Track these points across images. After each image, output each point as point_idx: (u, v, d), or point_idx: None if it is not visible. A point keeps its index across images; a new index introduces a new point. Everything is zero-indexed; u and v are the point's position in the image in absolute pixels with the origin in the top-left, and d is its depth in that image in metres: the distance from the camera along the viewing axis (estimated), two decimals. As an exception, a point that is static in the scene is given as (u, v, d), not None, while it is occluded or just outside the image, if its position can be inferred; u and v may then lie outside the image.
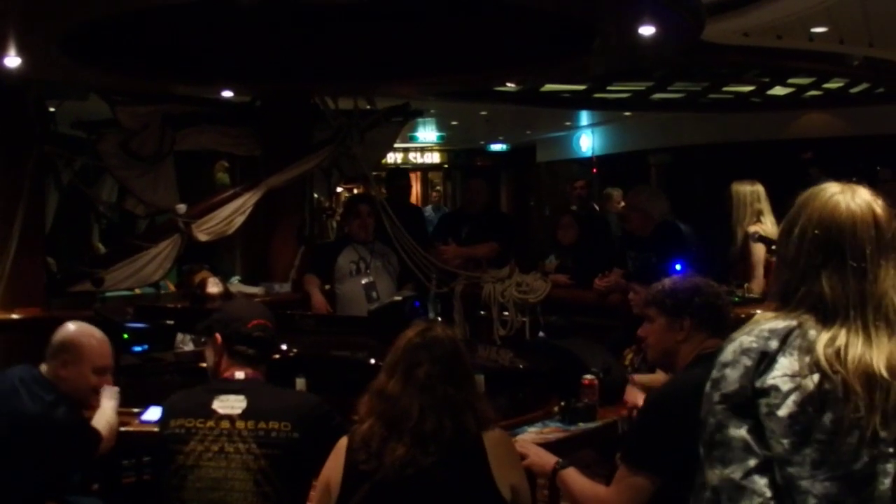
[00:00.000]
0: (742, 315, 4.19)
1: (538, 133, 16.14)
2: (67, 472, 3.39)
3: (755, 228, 5.50)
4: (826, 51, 7.14)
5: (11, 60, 4.77)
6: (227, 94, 7.03)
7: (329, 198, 9.62)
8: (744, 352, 1.68)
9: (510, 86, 8.46)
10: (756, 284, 5.44)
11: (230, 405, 2.82)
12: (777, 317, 1.71)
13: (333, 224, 11.01)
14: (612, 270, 5.79)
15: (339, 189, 12.16)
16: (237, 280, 6.88)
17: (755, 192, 5.64)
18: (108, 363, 3.40)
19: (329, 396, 3.01)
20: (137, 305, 5.56)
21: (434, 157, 18.86)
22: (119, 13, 4.68)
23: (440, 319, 5.94)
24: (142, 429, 3.47)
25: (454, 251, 6.76)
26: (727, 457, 1.65)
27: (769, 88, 9.27)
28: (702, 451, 1.70)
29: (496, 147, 18.33)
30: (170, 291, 7.12)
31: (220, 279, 5.86)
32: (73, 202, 6.81)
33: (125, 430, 3.47)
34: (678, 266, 4.91)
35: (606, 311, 5.74)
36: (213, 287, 5.49)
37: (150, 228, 6.91)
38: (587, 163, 15.08)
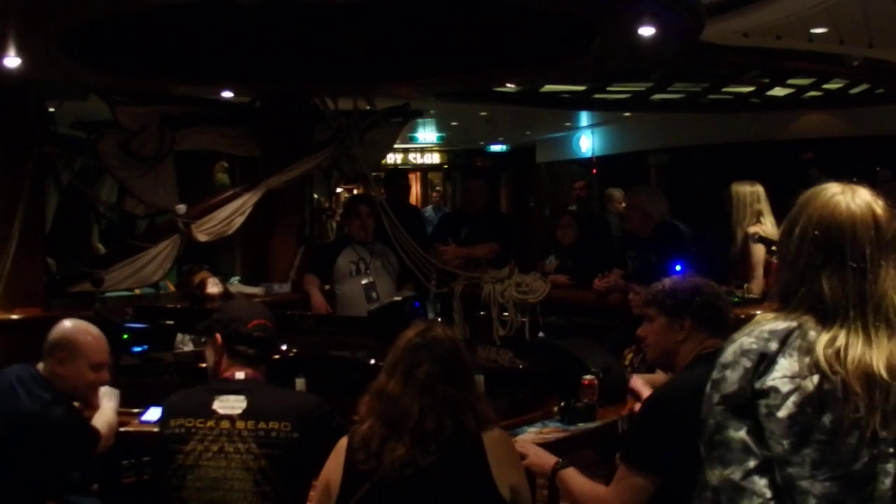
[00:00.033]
0: (742, 315, 4.19)
1: (538, 134, 16.13)
2: (67, 472, 3.39)
3: (755, 229, 5.51)
4: (826, 51, 7.13)
5: (11, 60, 4.77)
6: (227, 95, 7.03)
7: (329, 198, 9.61)
8: (744, 353, 1.68)
9: (510, 86, 8.46)
10: (756, 285, 5.44)
11: (230, 405, 2.82)
12: (777, 318, 1.71)
13: (333, 224, 11.03)
14: (612, 271, 5.80)
15: (339, 189, 12.15)
16: (237, 280, 6.88)
17: (755, 193, 5.64)
18: (105, 359, 3.39)
19: (329, 396, 3.01)
20: (137, 306, 5.56)
21: (434, 158, 18.85)
22: (119, 13, 4.68)
23: (440, 320, 5.95)
24: (141, 429, 3.46)
25: (454, 251, 6.76)
26: (727, 457, 1.65)
27: (769, 89, 9.26)
28: (702, 452, 1.71)
29: (496, 148, 18.32)
30: (169, 292, 7.12)
31: (220, 279, 5.87)
32: (73, 202, 6.81)
33: (125, 430, 3.47)
34: (678, 266, 4.91)
35: (606, 312, 5.74)
36: (213, 287, 5.50)
37: (150, 229, 6.91)
38: (587, 163, 15.07)
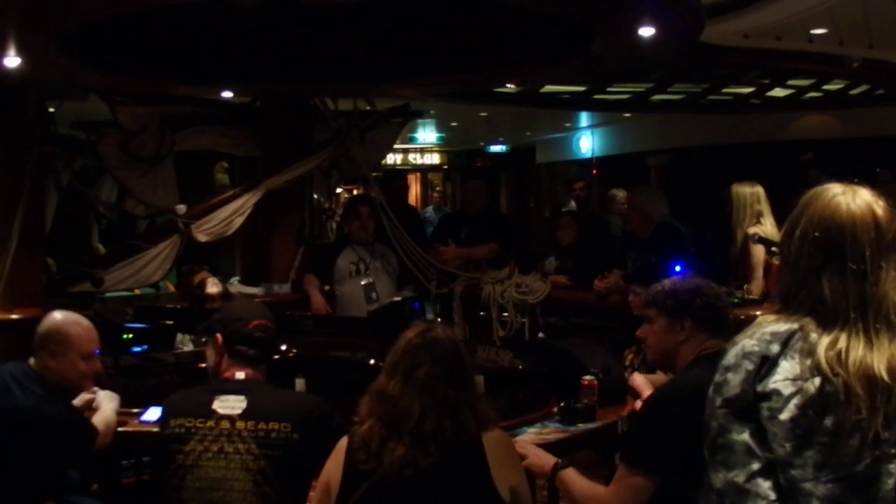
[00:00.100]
0: (741, 316, 4.20)
1: (538, 134, 16.12)
2: (65, 469, 3.39)
3: (755, 230, 5.51)
4: (826, 52, 7.13)
5: (11, 60, 4.76)
6: (227, 95, 7.02)
7: (329, 199, 9.61)
8: (745, 356, 1.68)
9: (510, 87, 8.46)
10: (755, 286, 5.44)
11: (230, 405, 2.82)
12: (778, 319, 1.71)
13: (333, 225, 11.03)
14: (612, 271, 5.80)
15: (339, 190, 12.15)
16: (237, 280, 6.88)
17: (755, 194, 5.64)
18: (95, 348, 3.40)
19: (328, 397, 3.01)
20: (137, 306, 5.56)
21: (434, 159, 18.84)
22: (119, 13, 4.68)
23: (440, 320, 5.96)
24: (141, 429, 3.47)
25: (454, 252, 6.76)
26: (730, 460, 1.65)
27: (769, 90, 9.26)
28: (706, 455, 1.71)
29: (496, 148, 18.30)
30: (169, 292, 7.12)
31: (220, 280, 5.87)
32: (73, 203, 6.81)
33: (125, 430, 3.48)
34: (678, 267, 4.92)
35: (606, 313, 5.74)
36: (213, 287, 5.50)
37: (150, 229, 6.91)
38: (587, 164, 15.06)
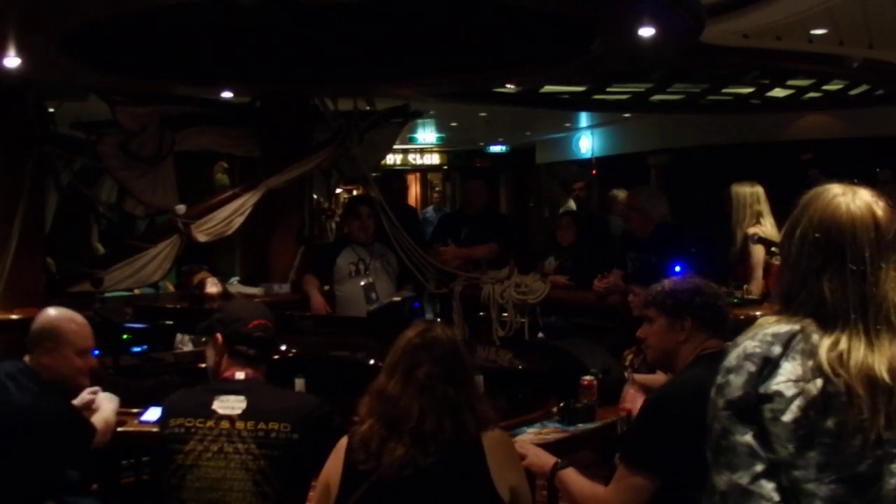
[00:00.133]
0: (741, 317, 4.20)
1: (537, 134, 16.11)
2: (63, 467, 3.39)
3: (755, 230, 5.51)
4: (826, 52, 7.13)
5: (11, 60, 4.76)
6: (227, 95, 7.03)
7: (328, 199, 9.60)
8: (747, 357, 1.68)
9: (510, 87, 8.46)
10: (755, 286, 5.44)
11: (230, 405, 2.81)
12: (779, 321, 1.71)
13: (332, 225, 11.01)
14: (612, 272, 5.79)
15: (339, 190, 12.15)
16: (236, 281, 6.88)
17: (755, 194, 5.64)
18: (90, 344, 3.40)
19: (328, 397, 3.01)
20: (137, 306, 5.56)
21: (433, 159, 18.82)
22: (119, 13, 4.68)
23: (439, 320, 5.95)
24: (141, 429, 3.47)
25: (453, 252, 6.76)
26: (734, 462, 1.65)
27: (769, 90, 9.26)
28: (708, 457, 1.71)
29: (495, 148, 18.29)
30: (169, 292, 7.12)
31: (220, 280, 5.87)
32: (73, 203, 6.81)
33: (124, 430, 3.48)
34: (677, 267, 4.91)
35: (605, 313, 5.74)
36: (212, 287, 5.52)
37: (150, 229, 6.91)
38: (587, 164, 15.06)
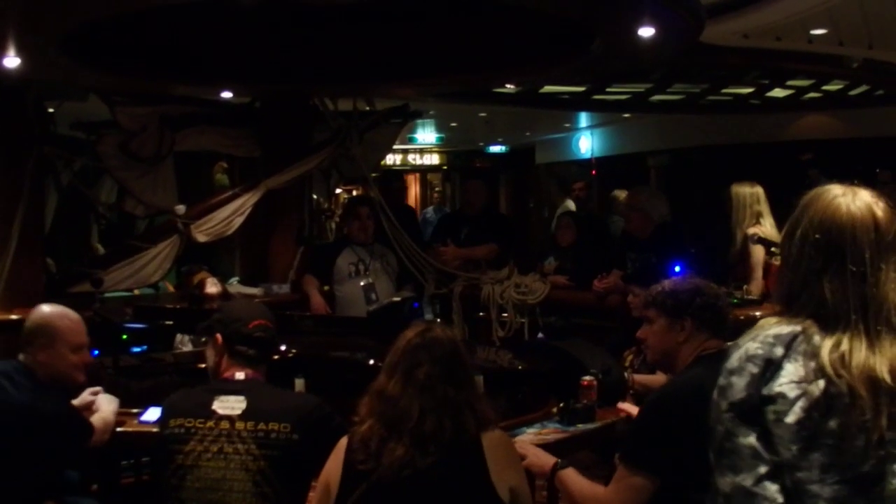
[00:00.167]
0: (741, 317, 4.20)
1: (537, 135, 16.11)
2: (62, 466, 3.39)
3: (754, 230, 5.51)
4: (825, 53, 7.12)
5: (11, 60, 4.76)
6: (227, 95, 7.02)
7: (328, 199, 9.60)
8: (749, 359, 1.67)
9: (509, 87, 8.45)
10: (755, 286, 5.44)
11: (230, 406, 2.82)
12: (781, 322, 1.71)
13: (332, 225, 11.01)
14: (611, 272, 5.79)
15: (339, 190, 12.15)
16: (236, 281, 6.88)
17: (755, 194, 5.64)
18: (85, 340, 3.40)
19: (328, 397, 3.01)
20: (136, 306, 5.56)
21: (433, 159, 18.83)
22: (119, 13, 4.68)
23: (439, 320, 5.96)
24: (141, 429, 3.47)
25: (453, 252, 6.76)
26: (737, 464, 1.65)
27: (768, 90, 9.25)
28: (712, 459, 1.70)
29: (495, 149, 18.30)
30: (168, 292, 7.12)
31: (219, 280, 5.87)
32: (73, 203, 6.81)
33: (124, 431, 3.48)
34: (677, 268, 4.91)
35: (605, 313, 5.74)
36: (212, 287, 5.51)
37: (150, 229, 6.90)
38: (586, 164, 15.06)
